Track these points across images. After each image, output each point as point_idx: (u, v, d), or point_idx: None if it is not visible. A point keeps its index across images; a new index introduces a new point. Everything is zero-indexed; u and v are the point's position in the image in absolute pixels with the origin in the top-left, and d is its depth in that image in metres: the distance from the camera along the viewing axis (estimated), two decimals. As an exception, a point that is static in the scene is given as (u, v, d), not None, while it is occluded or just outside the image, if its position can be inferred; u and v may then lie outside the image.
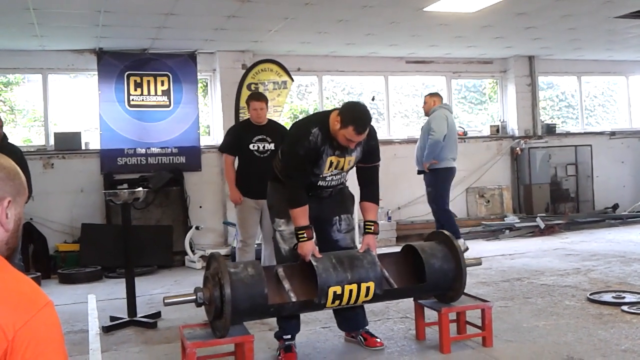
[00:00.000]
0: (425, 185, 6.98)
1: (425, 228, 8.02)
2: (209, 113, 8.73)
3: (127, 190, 4.87)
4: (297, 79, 8.76)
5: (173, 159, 8.09)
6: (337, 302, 3.38)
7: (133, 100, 7.93)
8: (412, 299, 3.94)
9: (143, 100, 7.98)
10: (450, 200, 7.10)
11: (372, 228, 3.66)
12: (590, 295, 4.69)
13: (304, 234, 3.44)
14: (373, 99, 9.39)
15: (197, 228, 7.64)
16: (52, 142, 7.80)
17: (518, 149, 9.94)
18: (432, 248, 3.70)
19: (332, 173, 3.62)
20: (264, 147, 5.29)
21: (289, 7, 6.23)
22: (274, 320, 3.80)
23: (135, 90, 7.94)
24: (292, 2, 6.06)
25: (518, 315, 4.34)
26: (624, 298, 4.55)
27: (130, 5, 5.95)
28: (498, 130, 10.17)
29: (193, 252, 7.49)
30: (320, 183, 3.63)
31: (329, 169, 3.58)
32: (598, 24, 7.78)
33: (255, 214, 5.32)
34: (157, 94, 8.04)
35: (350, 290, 3.36)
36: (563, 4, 6.70)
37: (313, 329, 4.22)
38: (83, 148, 7.82)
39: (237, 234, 5.63)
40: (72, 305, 5.49)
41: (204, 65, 8.33)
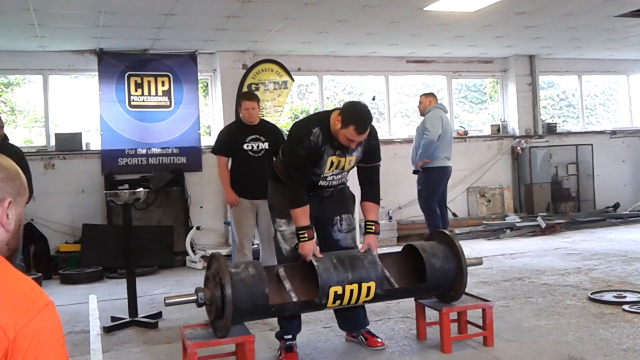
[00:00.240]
0: (417, 184, 7.03)
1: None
2: (210, 113, 8.73)
3: (128, 191, 4.86)
4: (297, 79, 8.76)
5: (174, 159, 8.10)
6: (338, 302, 3.38)
7: (134, 101, 7.93)
8: (413, 299, 3.94)
9: (144, 101, 7.98)
10: (451, 200, 7.12)
11: (373, 228, 3.67)
12: (592, 295, 4.69)
13: (305, 234, 3.44)
14: (373, 99, 9.38)
15: (198, 228, 7.63)
16: (52, 142, 7.81)
17: (519, 149, 9.94)
18: (433, 248, 3.70)
19: (333, 173, 3.62)
20: (258, 146, 5.26)
21: (289, 7, 6.23)
22: (275, 320, 3.80)
23: (136, 91, 7.94)
24: (292, 2, 6.06)
25: (519, 315, 4.34)
26: (625, 297, 4.55)
27: (131, 6, 5.95)
28: (499, 130, 10.16)
29: (194, 252, 7.48)
30: (321, 183, 3.63)
31: (330, 169, 3.58)
32: (598, 23, 7.78)
33: (251, 215, 5.27)
34: (157, 95, 8.04)
35: (351, 290, 3.36)
36: (563, 3, 6.70)
37: (314, 329, 4.22)
38: (84, 148, 7.82)
39: (233, 235, 5.60)
40: (73, 306, 5.49)
41: (205, 66, 8.33)
